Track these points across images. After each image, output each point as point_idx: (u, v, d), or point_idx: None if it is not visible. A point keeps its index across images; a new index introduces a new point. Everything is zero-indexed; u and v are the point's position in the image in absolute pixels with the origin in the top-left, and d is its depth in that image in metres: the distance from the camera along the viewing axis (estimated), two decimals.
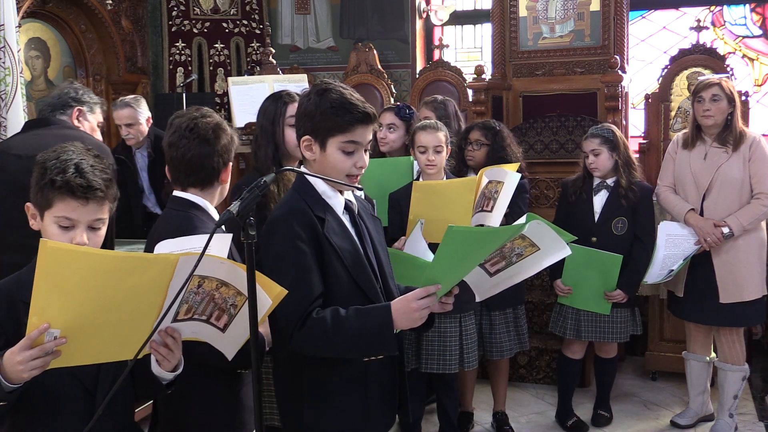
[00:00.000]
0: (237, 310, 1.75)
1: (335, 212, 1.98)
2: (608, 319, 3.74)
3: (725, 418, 3.76)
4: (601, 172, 3.74)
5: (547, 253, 1.98)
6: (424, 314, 1.84)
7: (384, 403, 2.04)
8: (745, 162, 3.58)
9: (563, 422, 3.94)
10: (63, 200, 1.72)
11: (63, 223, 1.74)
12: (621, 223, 3.71)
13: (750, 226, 3.57)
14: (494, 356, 3.72)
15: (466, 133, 3.78)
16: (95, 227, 1.78)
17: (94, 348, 1.58)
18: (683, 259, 3.65)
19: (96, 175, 1.75)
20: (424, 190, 3.09)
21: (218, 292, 1.70)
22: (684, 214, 3.67)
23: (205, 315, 1.73)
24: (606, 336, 3.78)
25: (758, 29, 5.89)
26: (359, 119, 1.93)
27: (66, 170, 1.72)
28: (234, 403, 2.16)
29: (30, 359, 1.50)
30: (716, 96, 3.59)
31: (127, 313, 1.57)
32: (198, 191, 2.14)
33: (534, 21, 5.35)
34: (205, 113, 2.16)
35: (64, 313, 1.49)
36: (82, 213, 1.74)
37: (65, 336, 1.51)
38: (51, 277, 1.46)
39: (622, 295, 3.66)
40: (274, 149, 2.74)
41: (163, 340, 1.68)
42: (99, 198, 1.76)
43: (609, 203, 3.73)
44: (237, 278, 1.70)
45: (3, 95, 4.00)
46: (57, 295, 1.47)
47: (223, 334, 1.77)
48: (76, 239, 1.73)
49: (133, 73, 5.97)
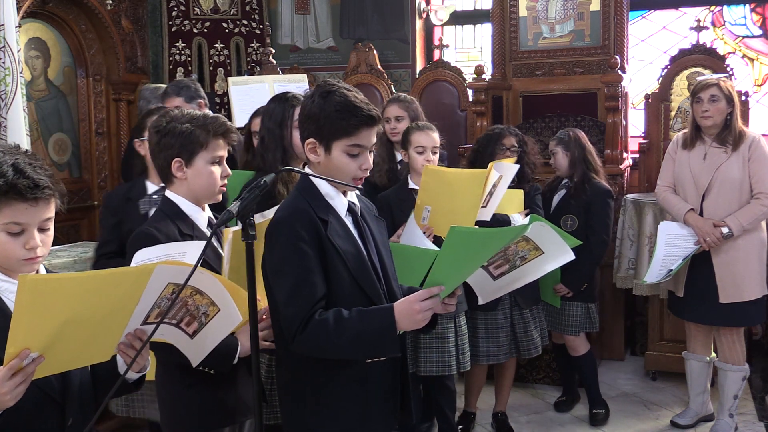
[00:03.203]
0: (208, 320, 1.76)
1: (338, 214, 1.97)
2: (560, 311, 3.92)
3: (725, 418, 3.76)
4: (560, 171, 4.01)
5: (550, 257, 1.98)
6: (427, 315, 1.83)
7: (386, 405, 2.04)
8: (744, 162, 3.58)
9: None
10: (9, 205, 1.60)
11: (12, 230, 1.62)
12: (570, 221, 3.89)
13: (750, 226, 3.56)
14: (532, 354, 3.78)
15: (498, 138, 3.77)
16: (45, 228, 1.68)
17: (67, 357, 1.56)
18: (682, 259, 3.65)
19: (39, 173, 1.63)
20: (434, 175, 3.08)
21: (192, 299, 1.70)
22: (683, 214, 3.68)
23: (175, 320, 1.73)
24: (558, 327, 3.96)
25: (758, 29, 5.89)
26: (364, 122, 1.92)
27: (4, 173, 1.59)
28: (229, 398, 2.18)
29: (14, 387, 1.47)
30: (714, 96, 3.60)
31: (102, 323, 1.56)
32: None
33: (534, 21, 5.34)
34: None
35: (42, 336, 1.46)
36: (32, 215, 1.63)
37: (42, 354, 1.48)
38: (31, 309, 1.42)
39: (565, 289, 3.84)
40: (282, 152, 2.74)
41: (130, 342, 1.65)
42: (47, 197, 1.65)
43: (562, 201, 3.96)
44: (213, 289, 1.70)
45: (3, 95, 4.00)
46: (36, 323, 1.44)
47: (191, 340, 1.78)
48: (30, 243, 1.63)
49: (133, 73, 5.95)
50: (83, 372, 1.77)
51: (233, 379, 2.19)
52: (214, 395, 2.16)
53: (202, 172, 2.14)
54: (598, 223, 3.85)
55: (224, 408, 2.18)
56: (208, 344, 1.81)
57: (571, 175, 3.95)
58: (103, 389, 1.82)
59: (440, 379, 3.49)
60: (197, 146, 2.13)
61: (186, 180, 2.15)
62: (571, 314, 3.90)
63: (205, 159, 2.15)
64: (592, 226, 3.85)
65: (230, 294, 1.76)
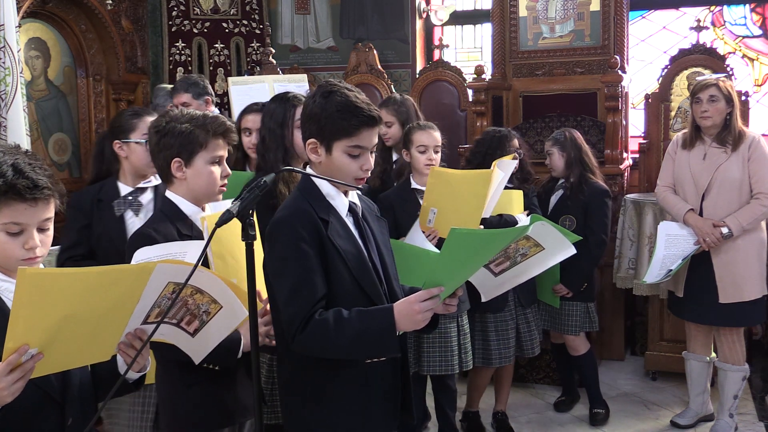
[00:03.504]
0: (209, 317, 1.75)
1: (339, 214, 1.97)
2: (560, 311, 3.93)
3: (725, 418, 3.76)
4: (556, 171, 4.00)
5: (551, 253, 1.98)
6: (427, 316, 1.83)
7: (386, 405, 2.04)
8: (744, 162, 3.58)
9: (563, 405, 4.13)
10: (8, 205, 1.60)
11: (12, 230, 1.62)
12: (568, 221, 3.89)
13: (749, 226, 3.56)
14: (535, 352, 3.80)
15: (506, 139, 3.78)
16: (45, 228, 1.68)
17: (67, 356, 1.56)
18: (682, 259, 3.66)
19: (38, 173, 1.63)
20: (440, 177, 3.09)
21: (192, 298, 1.70)
22: (683, 215, 3.68)
23: (175, 319, 1.72)
24: (558, 327, 3.97)
25: (758, 29, 5.89)
26: (365, 123, 1.93)
27: (4, 173, 1.59)
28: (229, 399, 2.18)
29: (12, 383, 1.47)
30: (714, 97, 3.60)
31: (101, 321, 1.56)
32: None
33: (534, 21, 5.34)
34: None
35: (41, 332, 1.46)
36: (31, 215, 1.63)
37: (41, 351, 1.48)
38: (30, 303, 1.42)
39: (565, 290, 3.85)
40: (284, 152, 2.74)
41: (130, 342, 1.65)
42: (47, 197, 1.65)
43: (560, 202, 3.96)
44: (214, 287, 1.70)
45: (3, 95, 3.99)
46: (35, 318, 1.44)
47: (192, 338, 1.78)
48: (29, 243, 1.64)
49: (133, 73, 5.96)
50: (83, 371, 1.77)
51: (233, 380, 2.19)
52: (214, 395, 2.16)
53: (202, 172, 2.14)
54: (597, 223, 3.86)
55: (224, 408, 2.18)
56: (212, 341, 1.81)
57: (567, 175, 3.96)
58: (103, 389, 1.81)
59: (441, 378, 3.49)
60: (197, 146, 2.13)
61: (186, 180, 2.15)
62: (570, 314, 3.92)
63: (204, 159, 2.15)
64: (591, 226, 3.86)
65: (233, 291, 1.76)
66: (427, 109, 5.64)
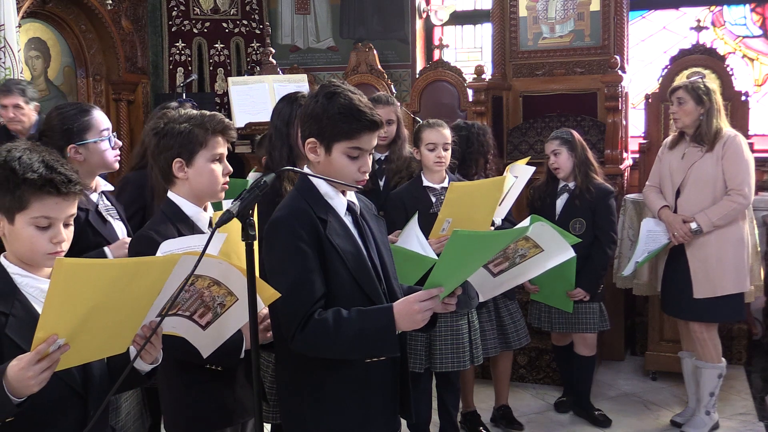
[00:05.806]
0: (224, 310, 1.76)
1: (337, 213, 1.97)
2: (575, 311, 3.89)
3: (701, 415, 3.79)
4: (563, 172, 3.91)
5: (550, 255, 1.99)
6: (426, 316, 1.83)
7: (386, 404, 2.03)
8: (718, 160, 3.65)
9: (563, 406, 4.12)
10: (40, 199, 1.63)
11: (41, 224, 1.64)
12: (579, 224, 3.86)
13: (720, 222, 3.61)
14: (522, 343, 3.80)
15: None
16: (69, 223, 1.70)
17: (88, 348, 1.58)
18: (648, 252, 3.78)
19: (67, 169, 1.67)
20: (460, 191, 3.10)
21: (208, 290, 1.70)
22: (658, 211, 3.78)
23: (189, 311, 1.73)
24: (574, 327, 3.93)
25: (758, 29, 5.89)
26: (366, 127, 1.93)
27: (36, 169, 1.62)
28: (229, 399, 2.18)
29: (40, 372, 1.48)
30: (681, 99, 3.71)
31: (124, 312, 1.57)
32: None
33: (534, 21, 5.35)
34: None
35: (70, 322, 1.48)
36: (61, 210, 1.66)
37: (68, 342, 1.50)
38: (65, 294, 1.44)
39: (583, 293, 3.81)
40: (289, 150, 2.75)
41: (145, 334, 1.66)
42: (77, 192, 1.68)
43: (568, 205, 3.91)
44: (231, 279, 1.70)
45: None
46: (66, 308, 1.46)
47: (203, 332, 1.78)
48: (57, 237, 1.66)
49: (133, 73, 5.97)
50: (102, 365, 1.77)
51: (233, 380, 2.19)
52: (215, 395, 2.16)
53: (204, 171, 2.14)
54: (606, 223, 3.87)
55: (225, 408, 2.18)
56: (223, 334, 1.81)
57: (572, 176, 3.91)
58: (123, 383, 1.83)
59: (447, 376, 3.51)
60: (197, 145, 2.13)
61: (188, 180, 2.15)
62: (588, 313, 3.90)
63: (205, 157, 2.15)
64: (601, 226, 3.86)
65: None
66: (427, 109, 5.65)
